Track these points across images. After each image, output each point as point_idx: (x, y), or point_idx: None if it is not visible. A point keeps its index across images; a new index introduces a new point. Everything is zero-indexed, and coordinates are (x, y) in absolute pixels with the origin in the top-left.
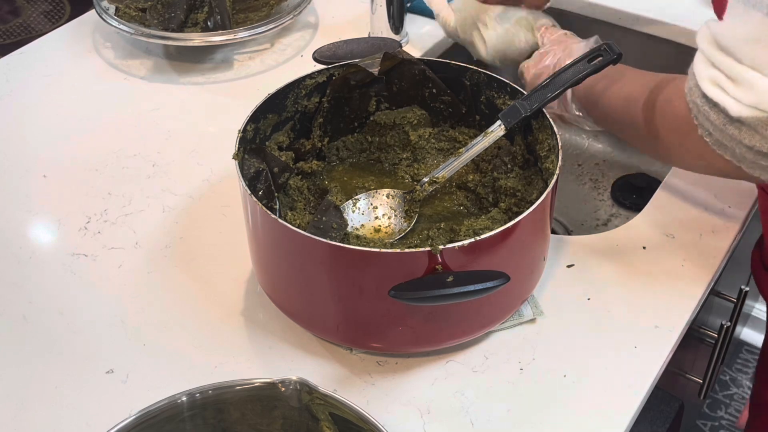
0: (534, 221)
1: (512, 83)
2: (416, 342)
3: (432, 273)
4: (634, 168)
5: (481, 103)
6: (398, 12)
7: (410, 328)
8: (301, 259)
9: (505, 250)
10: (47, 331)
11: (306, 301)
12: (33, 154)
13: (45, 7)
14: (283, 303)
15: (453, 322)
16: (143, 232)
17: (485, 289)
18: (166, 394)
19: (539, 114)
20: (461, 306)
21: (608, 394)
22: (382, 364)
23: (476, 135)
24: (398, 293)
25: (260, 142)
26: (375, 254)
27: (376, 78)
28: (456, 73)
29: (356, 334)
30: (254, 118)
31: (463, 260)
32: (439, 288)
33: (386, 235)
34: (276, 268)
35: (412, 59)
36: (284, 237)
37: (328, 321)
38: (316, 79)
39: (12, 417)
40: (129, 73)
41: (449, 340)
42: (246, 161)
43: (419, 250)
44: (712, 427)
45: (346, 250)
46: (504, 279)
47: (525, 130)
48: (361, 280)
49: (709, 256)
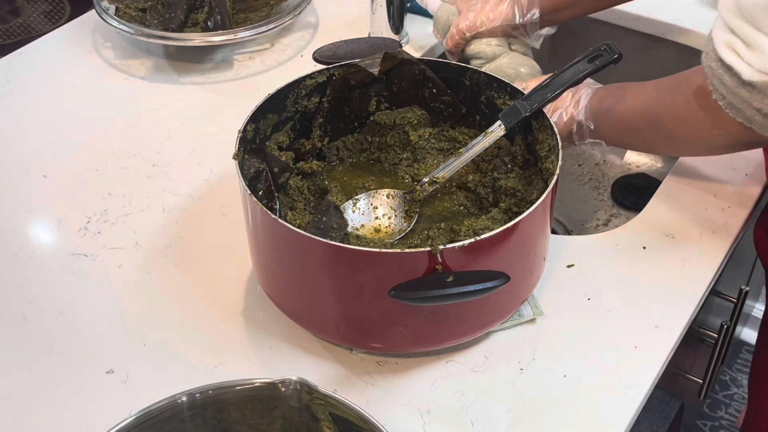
0: (534, 221)
1: (512, 83)
2: (416, 342)
3: (432, 273)
4: (634, 168)
5: (481, 103)
6: (398, 12)
7: (410, 328)
8: (301, 259)
9: (505, 251)
10: (47, 331)
11: (306, 301)
12: (33, 154)
13: (45, 7)
14: (283, 303)
15: (453, 322)
16: (143, 232)
17: (485, 289)
18: (166, 394)
19: (539, 114)
20: (461, 306)
21: (608, 394)
22: (382, 364)
23: (476, 135)
24: (398, 293)
25: (260, 142)
26: (375, 254)
27: (376, 78)
28: (456, 73)
29: (356, 334)
30: (254, 118)
31: (463, 260)
32: (439, 288)
33: (386, 235)
34: (276, 268)
35: (412, 59)
36: (284, 237)
37: (328, 321)
38: (316, 79)
39: (12, 417)
40: (129, 73)
41: (449, 340)
42: (246, 161)
43: (419, 250)
44: (712, 427)
45: (346, 250)
46: (504, 279)
47: (525, 130)
48: (361, 280)
49: (709, 256)
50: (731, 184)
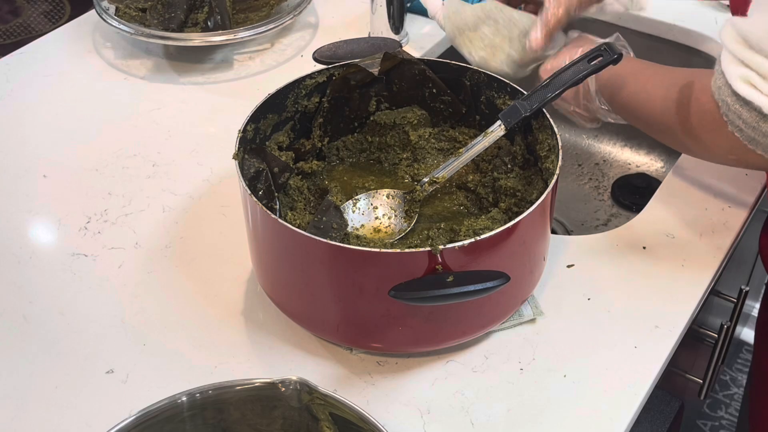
0: (534, 221)
1: (512, 83)
2: (416, 342)
3: (432, 273)
4: (634, 168)
5: (481, 103)
6: (398, 12)
7: (410, 328)
8: (301, 259)
9: (505, 251)
10: (47, 331)
11: (306, 301)
12: (33, 154)
13: (45, 7)
14: (283, 303)
15: (453, 322)
16: (143, 232)
17: (485, 289)
18: (166, 394)
19: (539, 114)
20: (461, 306)
21: (608, 394)
22: (382, 364)
23: (476, 135)
24: (398, 293)
25: (260, 142)
26: (375, 254)
27: (376, 78)
28: (456, 73)
29: (356, 334)
30: (254, 118)
31: (463, 260)
32: (439, 288)
33: (386, 235)
34: (276, 268)
35: (412, 59)
36: (284, 237)
37: (328, 321)
38: (316, 79)
39: (12, 417)
40: (129, 73)
41: (449, 340)
42: (246, 161)
43: (419, 250)
44: (712, 427)
45: (346, 250)
46: (504, 279)
47: (525, 130)
48: (361, 280)
49: (709, 256)
50: (731, 184)
